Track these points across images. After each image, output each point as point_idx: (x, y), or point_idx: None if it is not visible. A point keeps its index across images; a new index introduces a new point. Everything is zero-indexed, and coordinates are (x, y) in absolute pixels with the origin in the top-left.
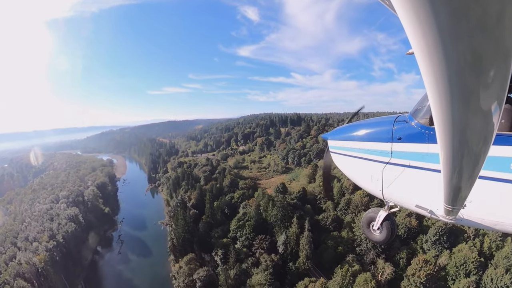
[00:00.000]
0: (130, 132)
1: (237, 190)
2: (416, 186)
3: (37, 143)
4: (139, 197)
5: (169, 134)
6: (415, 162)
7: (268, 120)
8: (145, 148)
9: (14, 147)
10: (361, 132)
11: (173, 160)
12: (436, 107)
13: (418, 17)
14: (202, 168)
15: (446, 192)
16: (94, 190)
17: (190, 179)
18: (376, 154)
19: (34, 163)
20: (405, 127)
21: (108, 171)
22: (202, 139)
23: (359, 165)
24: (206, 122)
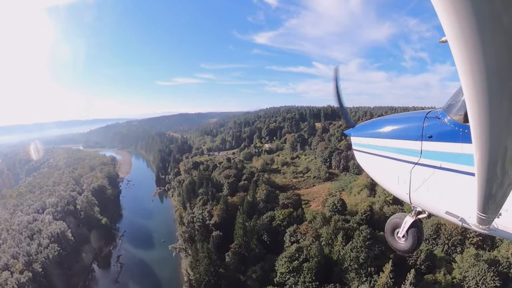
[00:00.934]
0: (138, 125)
1: (278, 208)
2: (446, 191)
3: (36, 136)
4: (145, 203)
5: (181, 128)
6: (446, 163)
7: (296, 113)
8: (154, 144)
9: (11, 140)
10: (387, 129)
11: (186, 159)
12: (471, 102)
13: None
14: (224, 172)
15: (480, 199)
16: (89, 197)
17: (210, 185)
18: (404, 153)
19: (29, 159)
20: (437, 124)
21: (109, 171)
22: (219, 134)
23: (385, 165)
24: (220, 115)
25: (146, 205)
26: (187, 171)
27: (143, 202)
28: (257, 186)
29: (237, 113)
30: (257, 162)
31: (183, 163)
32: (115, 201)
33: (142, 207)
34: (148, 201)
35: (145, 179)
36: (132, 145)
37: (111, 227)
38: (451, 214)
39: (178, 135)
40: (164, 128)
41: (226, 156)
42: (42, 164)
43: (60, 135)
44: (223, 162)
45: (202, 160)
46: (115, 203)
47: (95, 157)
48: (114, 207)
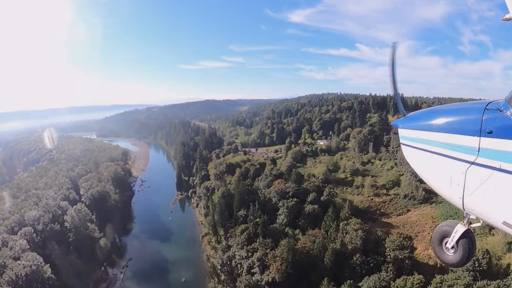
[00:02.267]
0: (158, 112)
1: (387, 266)
2: (506, 197)
3: (48, 122)
4: (162, 213)
5: (208, 117)
6: (508, 164)
7: (354, 102)
8: (176, 134)
9: (20, 127)
10: (440, 121)
11: (216, 158)
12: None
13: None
14: (276, 185)
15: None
16: (82, 210)
17: (256, 206)
18: (458, 150)
19: (30, 149)
20: (498, 118)
21: (115, 171)
22: (254, 125)
23: (436, 164)
24: (251, 103)
25: (162, 217)
26: (219, 177)
27: (159, 212)
28: (339, 217)
29: (270, 100)
30: (315, 167)
31: (213, 164)
32: (124, 210)
33: (157, 219)
34: (165, 210)
35: (163, 179)
36: (151, 135)
37: (112, 249)
38: (509, 225)
39: (205, 124)
40: (189, 116)
41: (267, 154)
42: (42, 156)
43: (74, 122)
44: (267, 165)
45: (239, 161)
46: (124, 211)
47: (105, 149)
48: (121, 218)
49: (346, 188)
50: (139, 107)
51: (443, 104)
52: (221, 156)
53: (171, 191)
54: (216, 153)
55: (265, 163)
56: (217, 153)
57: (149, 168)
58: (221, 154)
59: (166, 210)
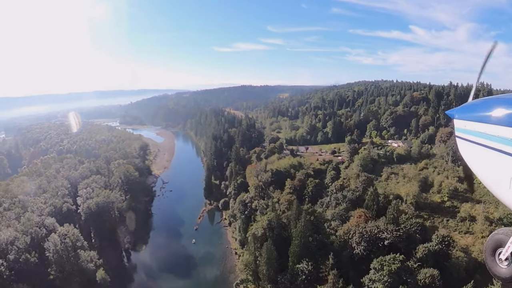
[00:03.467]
0: (189, 98)
1: None
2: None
3: (71, 107)
4: (184, 232)
5: (244, 104)
6: None
7: (429, 92)
8: (207, 124)
9: (40, 111)
10: (503, 111)
11: (256, 158)
12: None
13: None
14: (363, 228)
15: None
16: (72, 234)
17: (331, 264)
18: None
19: (38, 138)
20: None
21: (126, 172)
22: (300, 116)
23: (494, 161)
24: (292, 90)
25: (184, 237)
26: (262, 190)
27: (181, 228)
28: None
29: (313, 87)
30: (398, 182)
31: (252, 169)
32: (137, 223)
33: (177, 241)
34: (188, 227)
35: (189, 181)
36: (179, 124)
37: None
38: None
39: (241, 113)
40: (222, 103)
41: (321, 156)
42: (52, 146)
43: (97, 107)
44: (328, 174)
45: (287, 167)
46: (137, 226)
47: (124, 140)
48: (132, 234)
49: (447, 219)
50: (169, 92)
51: (508, 93)
52: (263, 157)
53: (198, 198)
54: (256, 153)
55: (322, 170)
56: (257, 153)
57: (173, 164)
58: (262, 154)
59: (190, 227)
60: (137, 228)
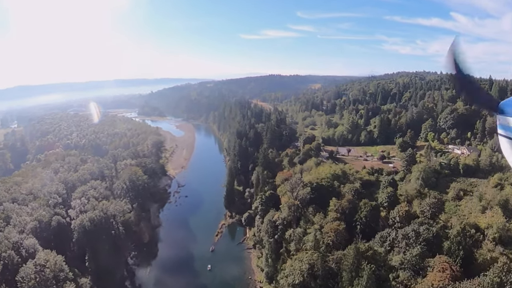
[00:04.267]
0: (213, 87)
1: None
2: None
3: (89, 96)
4: (196, 253)
5: (272, 95)
6: None
7: (488, 86)
8: (231, 118)
9: (58, 100)
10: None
11: (289, 163)
12: None
13: None
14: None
15: None
16: (53, 263)
17: None
18: None
19: (47, 130)
20: None
21: (130, 177)
22: (338, 111)
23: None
24: (325, 80)
25: (197, 261)
26: (298, 210)
27: (194, 248)
28: None
29: (348, 77)
30: (474, 207)
31: (285, 177)
32: (143, 238)
33: (188, 266)
34: (204, 245)
35: (209, 183)
36: (201, 116)
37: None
38: None
39: (269, 106)
40: (249, 93)
41: (366, 160)
42: (60, 140)
43: (116, 97)
44: (381, 192)
45: (329, 177)
46: (143, 241)
47: (140, 133)
48: (134, 256)
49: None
50: (192, 81)
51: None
52: (296, 162)
53: (218, 208)
54: (288, 156)
55: (371, 181)
56: (290, 155)
57: (192, 163)
58: (296, 158)
59: (206, 246)
60: (142, 246)
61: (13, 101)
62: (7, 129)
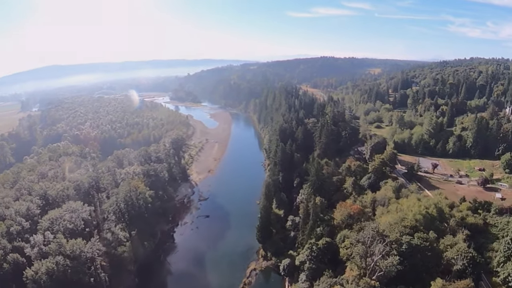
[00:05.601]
0: (256, 70)
1: None
2: None
3: (122, 78)
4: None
5: (324, 81)
6: None
7: None
8: (275, 109)
9: (90, 81)
10: None
11: (353, 188)
12: None
13: None
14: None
15: None
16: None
17: None
18: None
19: (58, 118)
20: None
21: (132, 190)
22: (411, 105)
23: None
24: (384, 64)
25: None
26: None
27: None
28: None
29: (411, 62)
30: None
31: (350, 215)
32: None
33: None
34: None
35: (242, 196)
36: (241, 103)
37: None
38: None
39: (321, 93)
40: (297, 78)
41: (465, 187)
42: (70, 129)
43: (151, 79)
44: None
45: (420, 219)
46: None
47: (164, 124)
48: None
49: None
50: (234, 63)
51: None
52: (366, 186)
53: (248, 239)
54: (351, 172)
55: (479, 227)
56: (354, 171)
57: (223, 165)
58: (364, 178)
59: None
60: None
61: (43, 81)
62: (27, 113)
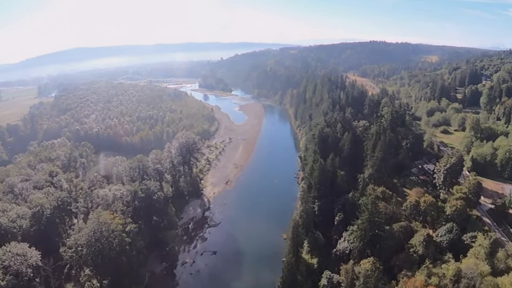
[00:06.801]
0: (296, 55)
1: None
2: None
3: (151, 61)
4: None
5: (374, 69)
6: None
7: None
8: (315, 104)
9: (118, 64)
10: None
11: (425, 246)
12: None
13: None
14: None
15: None
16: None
17: None
18: None
19: (70, 106)
20: None
21: (101, 234)
22: (485, 101)
23: None
24: (442, 51)
25: None
26: None
27: None
28: None
29: (471, 49)
30: None
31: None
32: None
33: None
34: None
35: (265, 222)
36: (276, 93)
37: None
38: None
39: (371, 83)
40: (343, 65)
41: None
42: (72, 123)
43: (182, 63)
44: None
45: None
46: None
47: (182, 118)
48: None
49: None
50: (273, 47)
51: None
52: (442, 243)
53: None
54: (419, 212)
55: None
56: (424, 212)
57: (246, 173)
58: (442, 233)
59: None
60: None
61: (69, 64)
62: (42, 99)
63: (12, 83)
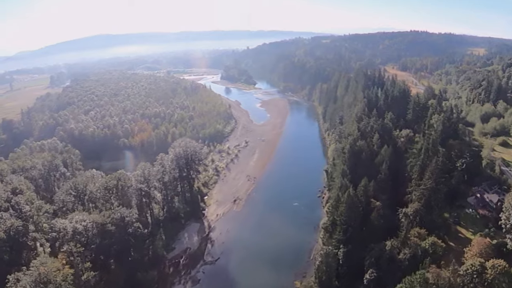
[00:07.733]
0: (329, 45)
1: None
2: None
3: (172, 49)
4: None
5: (416, 62)
6: None
7: None
8: (347, 105)
9: (139, 52)
10: None
11: None
12: None
13: None
14: None
15: None
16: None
17: None
18: None
19: (75, 100)
20: None
21: None
22: None
23: None
24: (489, 44)
25: None
26: None
27: None
28: None
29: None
30: None
31: None
32: None
33: None
34: None
35: (275, 262)
36: (304, 88)
37: None
38: None
39: (412, 79)
40: (380, 56)
41: None
42: (67, 121)
43: (207, 51)
44: None
45: None
46: None
47: (195, 117)
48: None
49: None
50: (304, 35)
51: None
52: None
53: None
54: (484, 283)
55: None
56: (491, 283)
57: (260, 186)
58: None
59: None
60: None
61: (88, 51)
62: (54, 89)
63: (28, 71)
